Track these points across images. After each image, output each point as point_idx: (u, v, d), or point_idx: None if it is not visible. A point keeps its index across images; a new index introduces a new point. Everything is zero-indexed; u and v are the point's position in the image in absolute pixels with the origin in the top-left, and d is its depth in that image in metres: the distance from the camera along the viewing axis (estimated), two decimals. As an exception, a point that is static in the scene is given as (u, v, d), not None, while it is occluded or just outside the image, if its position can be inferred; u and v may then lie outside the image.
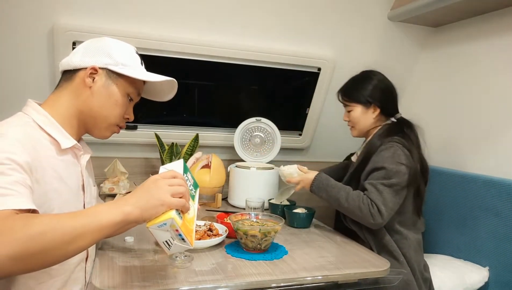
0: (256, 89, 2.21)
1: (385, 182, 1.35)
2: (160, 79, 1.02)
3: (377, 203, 1.33)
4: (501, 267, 1.53)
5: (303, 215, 1.52)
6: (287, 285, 1.03)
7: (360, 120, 1.53)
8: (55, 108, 0.95)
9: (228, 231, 1.27)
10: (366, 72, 1.56)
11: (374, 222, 1.34)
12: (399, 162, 1.36)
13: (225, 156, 2.15)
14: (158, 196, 0.79)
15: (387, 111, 1.52)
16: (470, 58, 1.86)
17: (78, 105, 0.97)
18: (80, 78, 0.96)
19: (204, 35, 1.81)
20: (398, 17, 1.93)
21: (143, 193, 0.79)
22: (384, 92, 1.51)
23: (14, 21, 1.57)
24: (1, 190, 0.73)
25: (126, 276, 0.98)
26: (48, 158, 0.88)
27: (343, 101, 1.57)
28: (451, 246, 1.74)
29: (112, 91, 0.98)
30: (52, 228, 0.69)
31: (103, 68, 0.97)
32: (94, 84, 0.96)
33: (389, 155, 1.38)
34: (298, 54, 1.96)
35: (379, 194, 1.34)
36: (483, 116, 1.76)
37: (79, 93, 0.97)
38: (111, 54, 0.97)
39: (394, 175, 1.35)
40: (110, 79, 0.98)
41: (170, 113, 2.10)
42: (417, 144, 1.47)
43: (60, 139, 0.92)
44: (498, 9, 1.70)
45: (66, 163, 0.94)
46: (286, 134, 2.20)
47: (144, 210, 0.78)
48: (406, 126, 1.48)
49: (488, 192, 1.59)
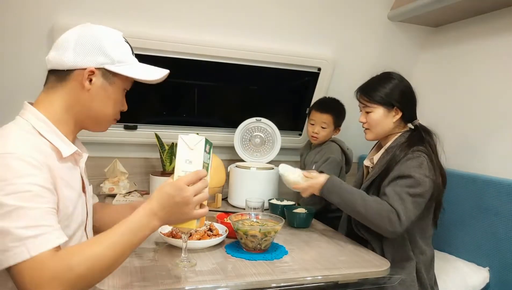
0: (256, 89, 2.21)
1: (410, 191, 1.27)
2: (157, 78, 0.99)
3: (398, 211, 1.24)
4: (501, 267, 1.53)
5: (303, 215, 1.52)
6: (287, 285, 1.03)
7: (380, 123, 1.43)
8: (51, 110, 0.91)
9: (228, 231, 1.27)
10: (389, 73, 1.47)
11: (391, 230, 1.24)
12: (426, 174, 1.29)
13: (225, 156, 2.15)
14: (185, 213, 0.84)
15: (408, 116, 1.44)
16: (470, 58, 1.86)
17: (75, 107, 0.93)
18: (75, 80, 0.92)
19: (204, 35, 1.81)
20: (398, 17, 1.93)
21: (171, 209, 0.84)
22: (408, 96, 1.44)
23: (14, 21, 1.57)
24: (33, 230, 0.73)
25: (126, 276, 0.98)
26: (55, 166, 0.87)
27: (364, 101, 1.46)
28: (451, 246, 1.74)
29: (111, 90, 0.96)
30: (93, 263, 0.75)
31: (99, 68, 0.92)
32: (92, 85, 0.92)
33: (416, 165, 1.30)
34: (298, 54, 1.95)
35: (402, 202, 1.25)
36: (483, 116, 1.76)
37: (76, 95, 0.93)
38: (105, 51, 0.92)
39: (420, 186, 1.27)
40: (108, 79, 0.94)
41: (170, 113, 2.10)
42: (436, 153, 1.40)
43: (61, 147, 0.90)
44: (498, 9, 1.70)
45: (68, 168, 0.93)
46: (286, 134, 2.20)
47: (169, 223, 0.87)
48: (426, 134, 1.41)
49: (488, 192, 1.59)
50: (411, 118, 1.46)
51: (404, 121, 1.46)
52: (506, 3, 1.64)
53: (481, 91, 1.78)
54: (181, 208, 0.83)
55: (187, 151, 0.90)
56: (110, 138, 1.92)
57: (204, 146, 0.90)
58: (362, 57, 2.05)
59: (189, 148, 0.90)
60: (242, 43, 1.86)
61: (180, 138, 0.90)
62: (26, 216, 0.74)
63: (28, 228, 0.73)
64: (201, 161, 0.89)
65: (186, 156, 0.90)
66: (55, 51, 0.92)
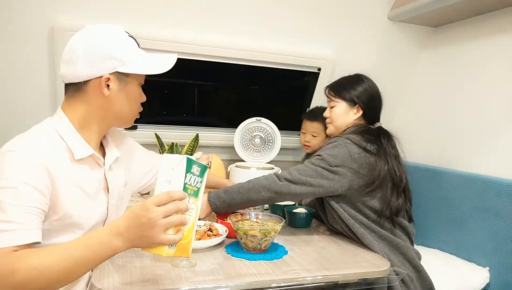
0: (256, 89, 2.21)
1: (313, 160, 1.34)
2: (167, 67, 1.03)
3: (277, 173, 1.33)
4: (501, 267, 1.53)
5: (303, 215, 1.52)
6: (287, 285, 1.03)
7: (340, 117, 1.49)
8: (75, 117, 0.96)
9: (228, 231, 1.27)
10: (359, 74, 1.54)
11: (281, 182, 1.30)
12: (334, 153, 1.32)
13: (225, 156, 2.15)
14: (151, 237, 0.78)
15: (369, 116, 1.49)
16: (470, 58, 1.86)
17: (98, 112, 0.98)
18: (93, 89, 0.96)
19: (204, 35, 1.81)
20: (398, 17, 1.93)
21: (136, 230, 0.78)
22: (372, 97, 1.49)
23: (14, 21, 1.57)
24: (2, 225, 0.75)
25: (126, 276, 0.98)
26: (63, 166, 0.90)
27: (329, 95, 1.54)
28: (451, 246, 1.73)
29: (129, 90, 1.00)
30: (40, 273, 0.72)
31: (112, 73, 0.96)
32: (110, 91, 0.96)
33: (330, 146, 1.36)
34: (298, 54, 1.95)
35: (287, 172, 1.33)
36: (483, 116, 1.76)
37: (97, 102, 0.97)
38: (114, 55, 0.95)
39: (328, 160, 1.32)
40: (123, 81, 0.98)
41: (170, 113, 2.10)
42: (396, 155, 1.41)
43: (75, 150, 0.93)
44: (498, 9, 1.70)
45: (84, 169, 0.96)
46: (286, 134, 2.20)
47: (136, 246, 0.81)
48: (383, 135, 1.43)
49: (488, 192, 1.59)
50: (373, 119, 1.50)
51: (365, 121, 1.49)
52: (506, 3, 1.64)
53: (481, 91, 1.78)
54: (147, 231, 0.77)
55: (168, 170, 0.84)
56: (110, 138, 1.92)
57: (185, 166, 0.84)
58: (362, 57, 2.06)
59: (170, 167, 0.84)
60: (242, 43, 1.86)
61: (164, 156, 0.85)
62: (2, 210, 0.76)
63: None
64: (181, 182, 0.84)
65: (166, 176, 0.84)
66: (66, 66, 0.95)
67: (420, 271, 1.34)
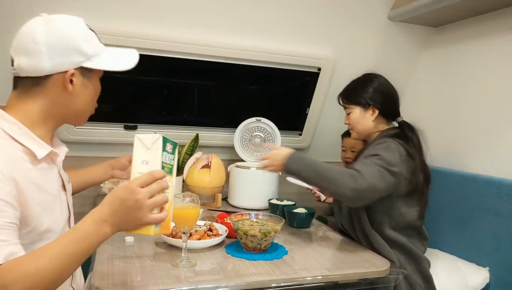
0: (256, 89, 2.20)
1: (376, 161, 1.26)
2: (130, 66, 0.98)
3: (359, 169, 1.23)
4: (501, 267, 1.53)
5: (303, 215, 1.52)
6: (287, 285, 1.03)
7: (359, 121, 1.49)
8: (26, 114, 0.89)
9: (228, 231, 1.27)
10: (367, 74, 1.53)
11: (353, 186, 1.19)
12: (392, 156, 1.29)
13: (225, 156, 2.15)
14: (139, 218, 0.77)
15: (387, 114, 1.49)
16: (470, 58, 1.86)
17: (56, 108, 0.91)
18: (54, 84, 0.89)
19: (204, 35, 1.81)
20: (398, 17, 1.93)
21: (123, 214, 0.77)
22: (384, 94, 1.48)
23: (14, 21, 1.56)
24: None
25: (126, 276, 0.98)
26: (25, 172, 0.83)
27: (343, 104, 1.55)
28: (451, 246, 1.73)
29: (91, 86, 0.95)
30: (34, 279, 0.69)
31: (77, 68, 0.90)
32: (74, 86, 0.90)
33: (383, 147, 1.33)
34: (298, 54, 1.95)
35: (364, 165, 1.25)
36: (483, 116, 1.76)
37: (57, 97, 0.90)
38: (80, 49, 0.89)
39: (385, 161, 1.27)
40: (86, 76, 0.93)
41: (170, 113, 2.09)
42: (419, 149, 1.41)
43: (35, 149, 0.86)
44: (498, 9, 1.70)
45: (43, 171, 0.90)
46: (286, 134, 2.20)
47: (123, 229, 0.79)
48: (408, 130, 1.44)
49: (488, 192, 1.59)
50: (393, 116, 1.50)
51: (386, 119, 1.49)
52: (506, 3, 1.64)
53: (482, 91, 1.78)
54: (134, 213, 0.76)
55: (144, 151, 0.83)
56: (110, 138, 1.92)
57: (162, 145, 0.83)
58: (362, 57, 2.05)
59: (145, 148, 0.83)
60: (242, 43, 1.86)
61: (136, 137, 0.83)
62: None
63: None
64: (158, 161, 0.82)
65: (142, 157, 0.83)
66: (26, 57, 0.87)
67: (430, 281, 1.37)
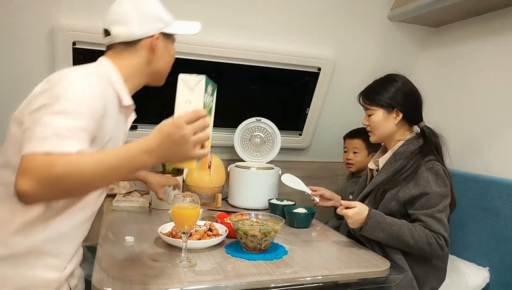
0: (256, 89, 2.20)
1: (439, 208, 1.28)
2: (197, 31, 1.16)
3: (442, 233, 1.26)
4: (501, 267, 1.53)
5: (303, 215, 1.52)
6: (287, 285, 1.03)
7: (381, 125, 1.42)
8: (120, 70, 1.03)
9: (228, 231, 1.27)
10: (390, 75, 1.47)
11: (442, 253, 1.28)
12: (444, 184, 1.30)
13: (225, 156, 2.15)
14: (183, 152, 0.82)
15: (411, 118, 1.43)
16: (470, 58, 1.86)
17: (145, 68, 1.07)
18: (143, 46, 1.05)
19: (204, 35, 1.80)
20: (398, 17, 1.93)
21: (168, 147, 0.81)
22: (408, 96, 1.42)
23: (14, 21, 1.57)
24: (67, 132, 0.79)
25: (126, 276, 0.98)
26: (112, 113, 0.97)
27: (364, 104, 1.47)
28: (452, 246, 1.72)
29: (170, 49, 1.12)
30: (73, 172, 0.74)
31: (160, 33, 1.06)
32: (158, 48, 1.06)
33: (433, 178, 1.30)
34: (298, 54, 1.95)
35: (440, 224, 1.27)
36: (483, 116, 1.76)
37: (146, 58, 1.06)
38: (160, 16, 1.06)
39: (443, 199, 1.29)
40: (166, 40, 1.09)
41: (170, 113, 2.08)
42: (442, 156, 1.40)
43: (123, 97, 1.02)
44: (498, 9, 1.70)
45: (118, 122, 1.03)
46: (286, 134, 2.20)
47: (168, 161, 0.86)
48: (434, 137, 1.41)
49: (488, 192, 1.59)
50: (415, 120, 1.45)
51: (408, 124, 1.44)
52: (506, 3, 1.64)
53: (482, 91, 1.78)
54: (180, 147, 0.81)
55: (187, 91, 0.87)
56: (110, 138, 1.92)
57: (204, 86, 0.87)
58: (362, 57, 2.05)
59: (189, 88, 0.87)
60: (242, 43, 1.86)
61: (180, 78, 0.87)
62: (72, 119, 0.81)
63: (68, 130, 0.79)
64: (201, 101, 0.86)
65: (186, 97, 0.87)
66: (120, 26, 1.03)
67: None
